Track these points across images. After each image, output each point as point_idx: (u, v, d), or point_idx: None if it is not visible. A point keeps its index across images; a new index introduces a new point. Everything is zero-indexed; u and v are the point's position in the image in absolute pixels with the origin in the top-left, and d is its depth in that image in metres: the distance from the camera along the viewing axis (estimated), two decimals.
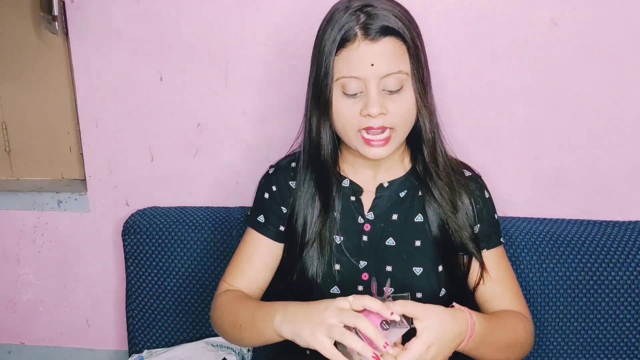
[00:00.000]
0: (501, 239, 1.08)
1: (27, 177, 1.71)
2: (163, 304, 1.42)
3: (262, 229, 1.09)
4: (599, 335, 1.29)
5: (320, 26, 0.98)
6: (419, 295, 1.00)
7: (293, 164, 1.08)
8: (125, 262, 1.43)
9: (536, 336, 1.30)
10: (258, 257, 1.08)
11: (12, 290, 1.71)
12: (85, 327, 1.72)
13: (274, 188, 1.08)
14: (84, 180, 1.59)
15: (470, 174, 1.07)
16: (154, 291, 1.42)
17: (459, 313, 0.87)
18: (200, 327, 1.42)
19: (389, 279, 0.96)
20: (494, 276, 1.04)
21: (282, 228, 1.08)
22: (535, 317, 1.30)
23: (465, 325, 0.86)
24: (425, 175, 1.02)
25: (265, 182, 1.10)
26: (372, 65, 0.90)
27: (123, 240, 1.43)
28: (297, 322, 0.86)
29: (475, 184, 1.06)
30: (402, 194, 1.04)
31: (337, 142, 1.03)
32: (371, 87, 0.90)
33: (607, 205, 1.41)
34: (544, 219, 1.39)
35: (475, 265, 1.04)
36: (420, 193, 1.03)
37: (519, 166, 1.41)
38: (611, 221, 1.37)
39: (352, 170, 1.07)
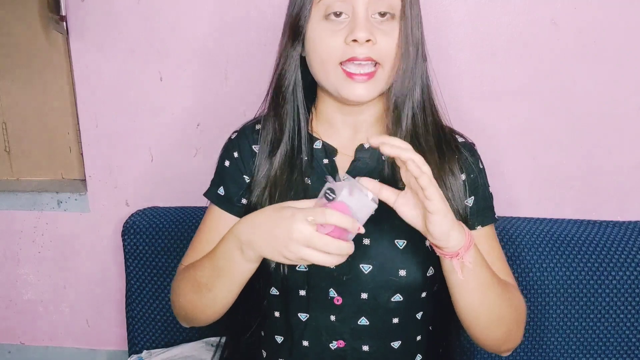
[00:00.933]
0: (495, 216, 0.95)
1: (27, 177, 1.71)
2: (163, 304, 1.42)
3: (223, 203, 0.96)
4: (599, 335, 1.29)
5: None
6: (402, 273, 0.85)
7: (258, 126, 0.96)
8: (125, 262, 1.43)
9: (536, 335, 1.31)
10: (219, 235, 0.86)
11: (12, 290, 1.71)
12: (85, 327, 1.72)
13: (235, 154, 0.95)
14: (84, 180, 1.59)
15: (464, 140, 0.95)
16: (153, 291, 1.42)
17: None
18: (199, 328, 1.41)
19: (345, 175, 0.76)
20: (487, 257, 0.85)
21: (244, 201, 0.94)
22: (535, 317, 1.30)
23: (463, 230, 0.76)
24: (410, 137, 0.88)
25: (227, 148, 0.97)
26: None
27: (123, 240, 1.43)
28: (267, 246, 0.73)
29: (468, 152, 0.93)
30: (384, 157, 0.89)
31: (309, 97, 0.92)
32: (359, 10, 0.80)
33: (607, 205, 1.41)
34: (544, 219, 1.39)
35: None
36: None
37: (519, 166, 1.41)
38: (611, 221, 1.37)
39: (327, 129, 0.94)
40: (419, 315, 0.90)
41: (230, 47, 1.40)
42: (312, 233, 0.69)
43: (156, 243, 1.40)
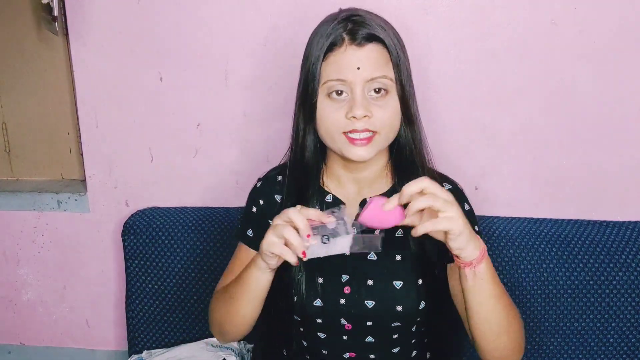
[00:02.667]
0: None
1: (27, 178, 1.71)
2: (163, 305, 1.42)
3: (252, 243, 1.11)
4: (599, 335, 1.29)
5: (310, 38, 1.02)
6: (399, 308, 1.02)
7: (279, 178, 1.11)
8: (125, 263, 1.43)
9: (536, 336, 1.31)
10: None
11: (12, 290, 1.71)
12: (85, 327, 1.72)
13: (261, 202, 1.11)
14: (84, 180, 1.59)
15: (450, 186, 1.08)
16: (153, 291, 1.42)
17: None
18: (200, 328, 1.42)
19: (343, 205, 0.95)
20: None
21: None
22: (535, 317, 1.30)
23: (479, 244, 0.88)
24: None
25: (253, 196, 1.13)
26: (358, 68, 0.94)
27: (123, 240, 1.43)
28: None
29: (454, 195, 1.00)
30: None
31: (322, 156, 1.07)
32: (357, 90, 0.94)
33: (607, 205, 1.41)
34: (544, 219, 1.39)
35: (454, 276, 1.02)
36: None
37: (519, 166, 1.41)
38: (611, 221, 1.37)
39: (336, 185, 1.09)
40: (413, 329, 1.07)
41: (230, 47, 1.40)
42: (295, 214, 0.87)
43: (156, 243, 1.40)
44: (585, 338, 1.30)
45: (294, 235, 0.87)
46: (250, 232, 1.11)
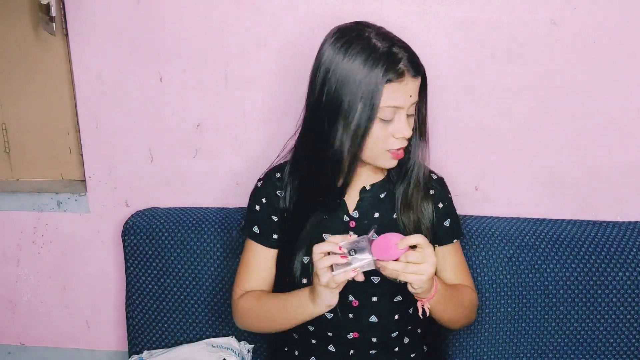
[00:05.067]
0: (462, 231, 1.23)
1: (26, 178, 1.71)
2: (163, 305, 1.42)
3: (259, 239, 1.19)
4: (599, 335, 1.30)
5: (336, 58, 1.04)
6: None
7: (278, 174, 1.19)
8: (125, 263, 1.43)
9: (536, 336, 1.31)
10: (260, 262, 1.19)
11: (12, 291, 1.71)
12: (85, 327, 1.72)
13: (263, 200, 1.19)
14: (84, 181, 1.59)
15: (436, 176, 1.21)
16: (153, 292, 1.42)
17: None
18: (200, 328, 1.42)
19: (374, 226, 1.04)
20: (457, 266, 1.20)
21: (275, 236, 1.18)
22: (535, 317, 1.30)
23: (432, 289, 1.03)
24: (399, 183, 1.16)
25: (255, 195, 1.21)
26: (411, 96, 1.04)
27: (123, 241, 1.43)
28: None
29: (440, 186, 1.20)
30: (382, 195, 1.16)
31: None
32: (403, 114, 1.04)
33: (607, 205, 1.41)
34: (544, 219, 1.39)
35: (439, 253, 1.16)
36: (396, 194, 1.16)
37: (518, 166, 1.41)
38: (611, 221, 1.37)
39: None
40: (410, 310, 1.16)
41: (230, 47, 1.40)
42: (323, 246, 0.99)
43: (156, 244, 1.40)
44: (585, 338, 1.30)
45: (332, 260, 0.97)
46: (256, 229, 1.19)
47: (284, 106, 1.43)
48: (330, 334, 1.15)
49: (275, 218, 1.18)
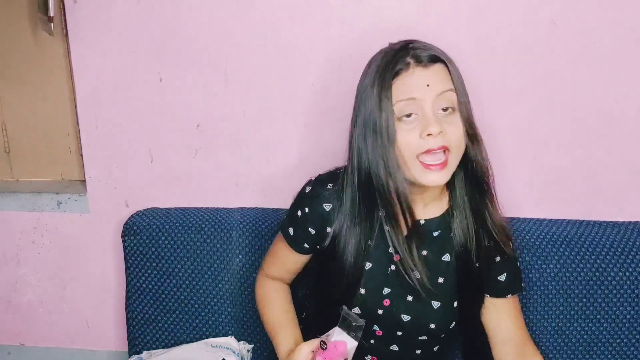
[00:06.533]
0: (522, 284, 1.14)
1: (26, 178, 1.70)
2: (163, 305, 1.42)
3: (290, 241, 1.16)
4: (599, 335, 1.29)
5: (365, 71, 1.03)
6: (432, 325, 1.08)
7: (329, 185, 1.09)
8: (125, 263, 1.43)
9: (536, 337, 1.31)
10: (288, 259, 1.18)
11: (12, 291, 1.71)
12: (85, 328, 1.72)
13: (306, 210, 1.11)
14: (84, 181, 1.59)
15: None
16: (153, 292, 1.42)
17: None
18: (199, 328, 1.42)
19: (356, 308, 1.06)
20: (515, 322, 1.10)
21: (306, 245, 1.14)
22: (535, 317, 1.30)
23: None
24: (481, 219, 1.07)
25: (300, 201, 1.13)
26: (428, 85, 0.96)
27: (123, 241, 1.43)
28: None
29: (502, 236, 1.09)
30: (435, 233, 1.08)
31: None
32: (427, 107, 0.95)
33: (607, 205, 1.41)
34: (544, 220, 1.39)
35: (491, 310, 1.10)
36: (451, 235, 1.07)
37: (518, 166, 1.41)
38: (611, 221, 1.37)
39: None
40: (435, 348, 1.14)
41: (230, 47, 1.40)
42: None
43: (156, 244, 1.40)
44: (585, 338, 1.30)
45: None
46: (291, 231, 1.15)
47: (283, 107, 1.43)
48: None
49: (312, 231, 1.11)
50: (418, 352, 1.13)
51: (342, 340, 0.97)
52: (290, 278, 1.23)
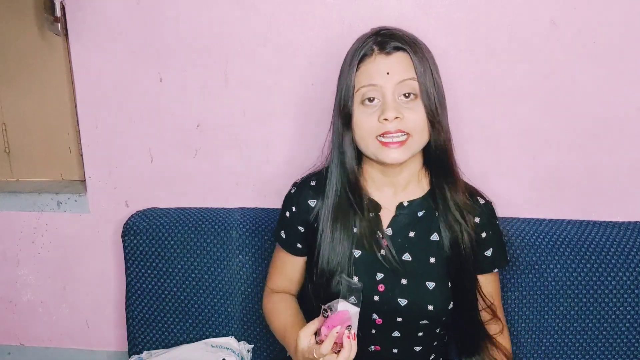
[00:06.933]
0: (507, 258, 1.18)
1: (26, 178, 1.71)
2: (163, 305, 1.42)
3: (284, 244, 1.20)
4: (599, 335, 1.29)
5: (346, 55, 1.09)
6: (430, 307, 1.08)
7: (312, 182, 1.17)
8: (125, 263, 1.43)
9: (536, 337, 1.31)
10: (286, 266, 1.22)
11: (11, 291, 1.71)
12: (85, 328, 1.72)
13: (293, 208, 1.17)
14: (84, 181, 1.59)
15: (484, 201, 1.15)
16: (153, 292, 1.42)
17: None
18: (200, 328, 1.42)
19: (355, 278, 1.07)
20: (492, 294, 1.16)
21: (299, 245, 1.18)
22: (535, 317, 1.30)
23: None
24: (442, 199, 1.10)
25: (287, 201, 1.19)
26: (388, 73, 1.02)
27: (123, 241, 1.43)
28: None
29: (487, 212, 1.14)
30: (420, 214, 1.12)
31: (359, 160, 1.12)
32: (388, 94, 1.02)
33: (607, 205, 1.41)
34: (544, 220, 1.39)
35: (483, 285, 1.14)
36: (437, 214, 1.11)
37: (518, 166, 1.41)
38: (611, 221, 1.37)
39: (373, 188, 1.14)
40: (437, 330, 1.13)
41: (230, 47, 1.40)
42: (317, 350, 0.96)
43: (156, 244, 1.40)
44: (585, 338, 1.30)
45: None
46: (283, 234, 1.19)
47: (284, 106, 1.43)
48: None
49: (301, 229, 1.17)
50: (420, 334, 1.11)
51: (345, 308, 0.97)
52: (294, 289, 1.24)
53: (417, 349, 1.13)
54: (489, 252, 1.14)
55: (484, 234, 1.12)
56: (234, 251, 1.38)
